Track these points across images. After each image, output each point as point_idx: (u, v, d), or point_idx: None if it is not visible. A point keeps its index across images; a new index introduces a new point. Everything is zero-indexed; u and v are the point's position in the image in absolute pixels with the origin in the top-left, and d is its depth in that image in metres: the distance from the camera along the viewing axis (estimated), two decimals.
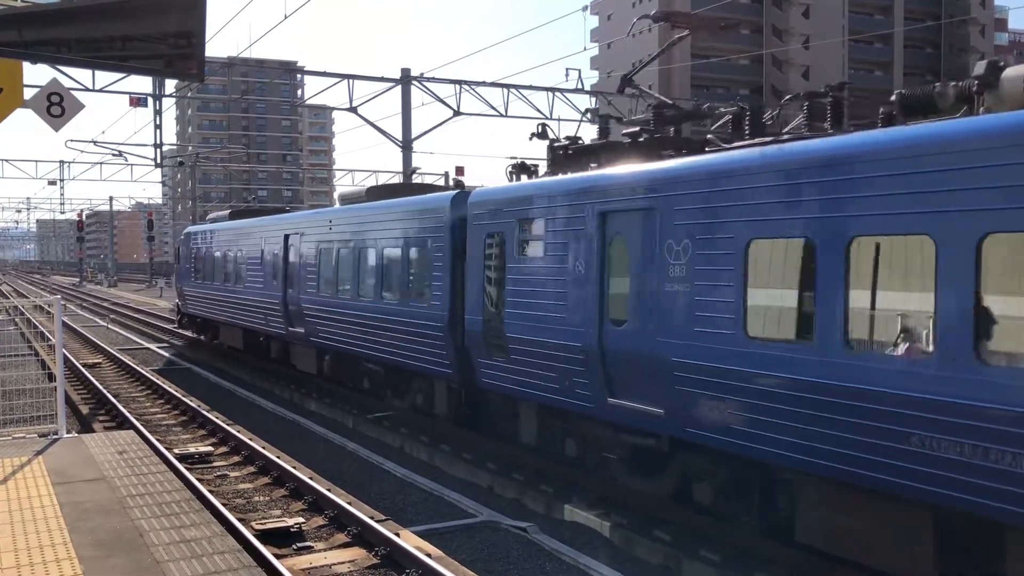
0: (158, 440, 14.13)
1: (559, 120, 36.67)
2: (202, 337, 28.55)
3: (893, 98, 7.95)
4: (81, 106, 9.00)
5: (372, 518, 9.60)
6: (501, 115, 33.55)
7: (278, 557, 8.63)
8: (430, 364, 13.88)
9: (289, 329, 19.58)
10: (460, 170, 35.65)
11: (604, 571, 8.64)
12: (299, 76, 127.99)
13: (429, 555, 8.45)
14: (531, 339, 11.15)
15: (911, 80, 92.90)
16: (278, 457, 12.71)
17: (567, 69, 45.86)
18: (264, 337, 22.43)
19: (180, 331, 30.84)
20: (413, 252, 14.40)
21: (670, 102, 12.67)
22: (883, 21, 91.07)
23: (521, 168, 12.96)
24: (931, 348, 6.55)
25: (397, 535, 9.05)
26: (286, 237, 19.68)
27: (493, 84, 33.17)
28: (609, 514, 10.11)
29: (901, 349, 6.81)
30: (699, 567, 8.55)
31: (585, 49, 66.56)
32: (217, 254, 24.91)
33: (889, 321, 7.03)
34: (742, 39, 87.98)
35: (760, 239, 7.85)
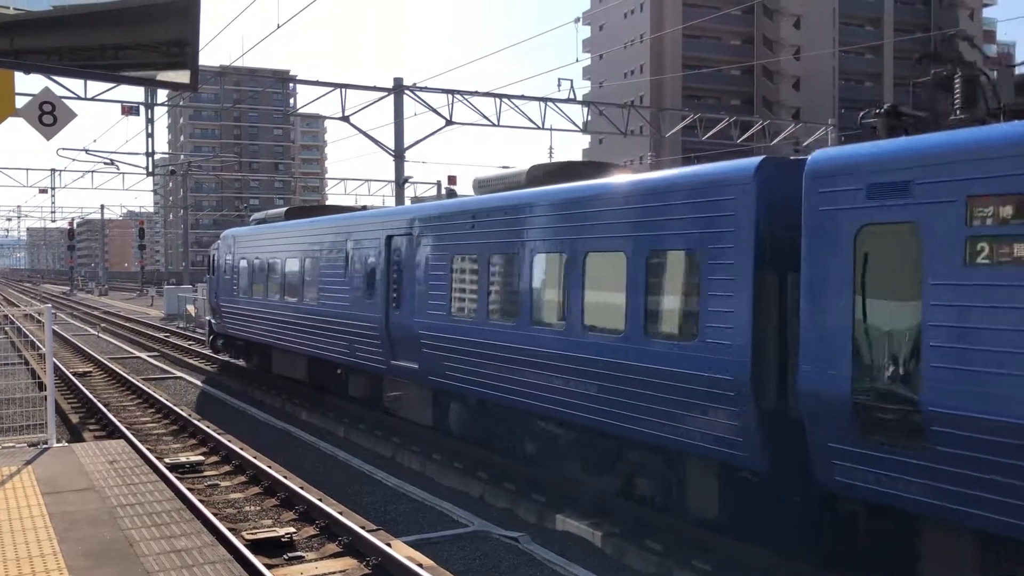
0: (149, 449, 14.07)
1: (551, 130, 36.73)
2: (243, 363, 24.00)
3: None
4: (73, 115, 8.97)
5: (363, 528, 9.58)
6: (494, 124, 33.63)
7: (269, 567, 8.60)
8: (699, 439, 8.72)
9: (393, 362, 14.73)
10: (452, 179, 35.72)
11: None
12: (291, 85, 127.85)
13: (421, 565, 8.43)
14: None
15: (901, 90, 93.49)
16: (269, 467, 12.67)
17: (559, 79, 46.25)
18: (344, 370, 17.62)
19: (213, 354, 26.31)
20: (664, 259, 9.19)
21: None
22: (873, 33, 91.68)
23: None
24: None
25: (389, 545, 9.02)
26: (388, 239, 14.85)
27: (486, 94, 33.24)
28: (601, 523, 10.11)
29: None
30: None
31: (577, 60, 66.59)
32: (273, 261, 20.02)
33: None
34: (733, 50, 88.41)
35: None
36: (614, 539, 9.65)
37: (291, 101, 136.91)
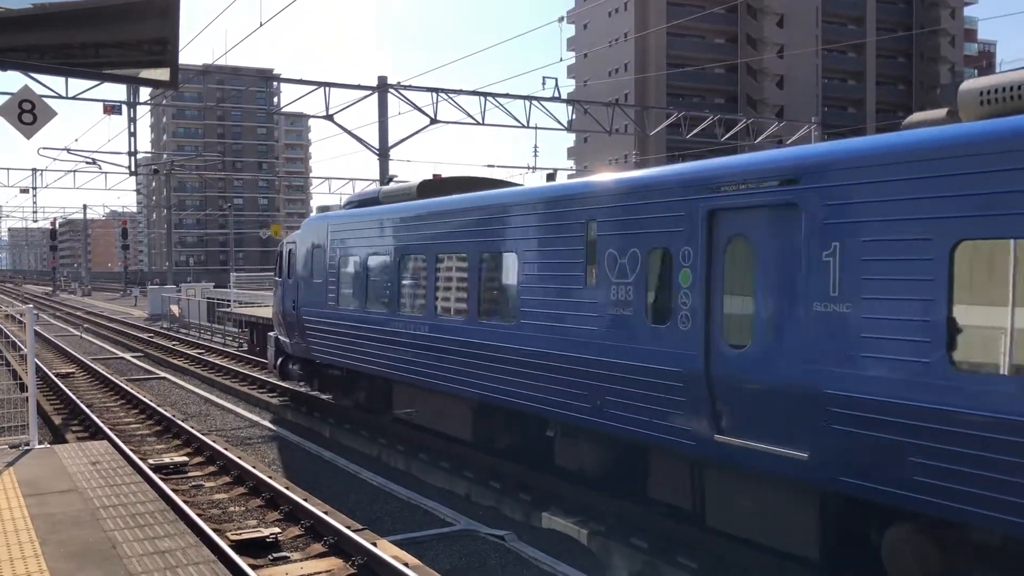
0: (132, 450, 13.99)
1: (536, 128, 36.71)
2: (327, 396, 17.74)
3: None
4: (53, 113, 8.89)
5: (349, 528, 9.55)
6: (478, 123, 33.60)
7: (254, 568, 8.55)
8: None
9: (726, 438, 8.09)
10: (437, 178, 35.60)
11: None
12: (275, 84, 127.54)
13: (407, 564, 8.41)
14: None
15: (883, 88, 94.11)
16: (254, 467, 12.61)
17: (544, 77, 46.27)
18: (570, 432, 10.70)
19: (281, 381, 19.87)
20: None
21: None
22: (856, 31, 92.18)
23: None
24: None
25: (374, 544, 8.99)
26: (711, 215, 8.37)
27: (471, 92, 33.20)
28: (587, 522, 10.12)
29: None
30: (677, 573, 8.57)
31: (561, 59, 66.63)
32: (408, 258, 13.65)
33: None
34: (717, 48, 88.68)
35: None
36: (600, 537, 9.67)
37: (275, 100, 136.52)
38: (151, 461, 13.32)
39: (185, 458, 13.84)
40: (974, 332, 6.30)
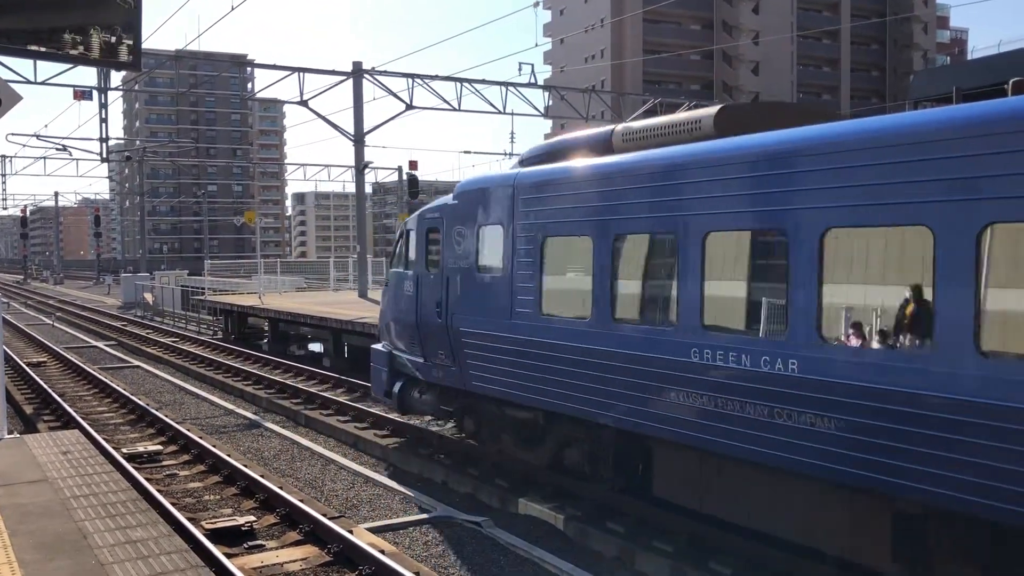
0: (105, 440, 13.85)
1: (512, 114, 36.59)
2: (486, 445, 12.17)
3: None
4: (18, 98, 8.69)
5: (325, 515, 9.51)
6: (454, 109, 33.42)
7: (229, 556, 8.50)
8: None
9: None
10: (413, 164, 35.50)
11: (558, 564, 8.65)
12: (249, 69, 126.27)
13: (383, 551, 8.39)
14: None
15: (857, 75, 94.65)
16: (228, 455, 12.53)
17: (520, 63, 46.08)
18: None
19: (400, 416, 14.36)
20: None
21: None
22: (831, 18, 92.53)
23: None
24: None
25: (350, 532, 8.97)
26: None
27: (446, 78, 33.00)
28: (563, 507, 10.14)
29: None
30: (652, 558, 8.60)
31: (536, 45, 66.46)
32: (721, 247, 8.12)
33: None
34: (693, 35, 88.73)
35: None
36: (576, 522, 9.68)
37: (249, 86, 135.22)
38: (124, 450, 13.20)
39: (159, 447, 13.73)
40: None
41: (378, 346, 13.95)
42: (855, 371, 6.75)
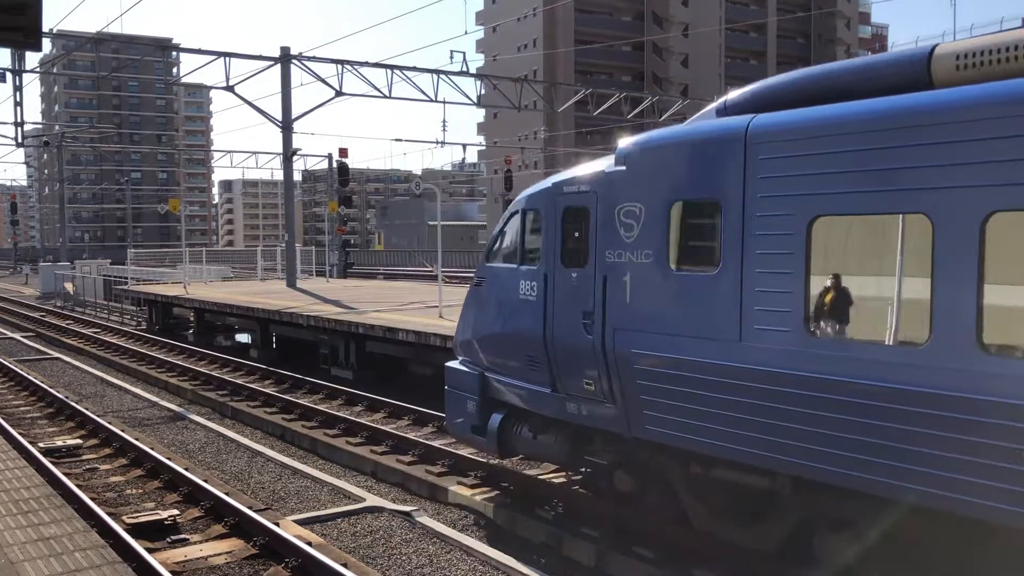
0: (20, 434, 13.38)
1: (444, 103, 36.37)
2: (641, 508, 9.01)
3: None
4: None
5: (251, 508, 9.35)
6: (385, 96, 33.09)
7: (151, 551, 8.29)
8: None
9: None
10: (344, 152, 35.02)
11: (487, 551, 8.66)
12: (173, 53, 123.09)
13: (310, 543, 8.29)
14: None
15: (784, 69, 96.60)
16: (152, 448, 12.23)
17: (452, 51, 45.52)
18: None
19: (500, 458, 10.78)
20: None
21: None
22: (757, 12, 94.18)
23: None
24: None
25: (276, 524, 8.84)
26: None
27: (376, 64, 32.66)
28: (493, 495, 10.16)
29: None
30: (580, 544, 8.67)
31: (467, 32, 66.15)
32: None
33: None
34: (624, 26, 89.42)
35: None
36: (505, 509, 9.71)
37: (174, 70, 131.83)
38: (41, 445, 12.78)
39: (79, 441, 13.33)
40: None
41: (458, 364, 10.36)
42: None
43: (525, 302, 9.02)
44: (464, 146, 48.60)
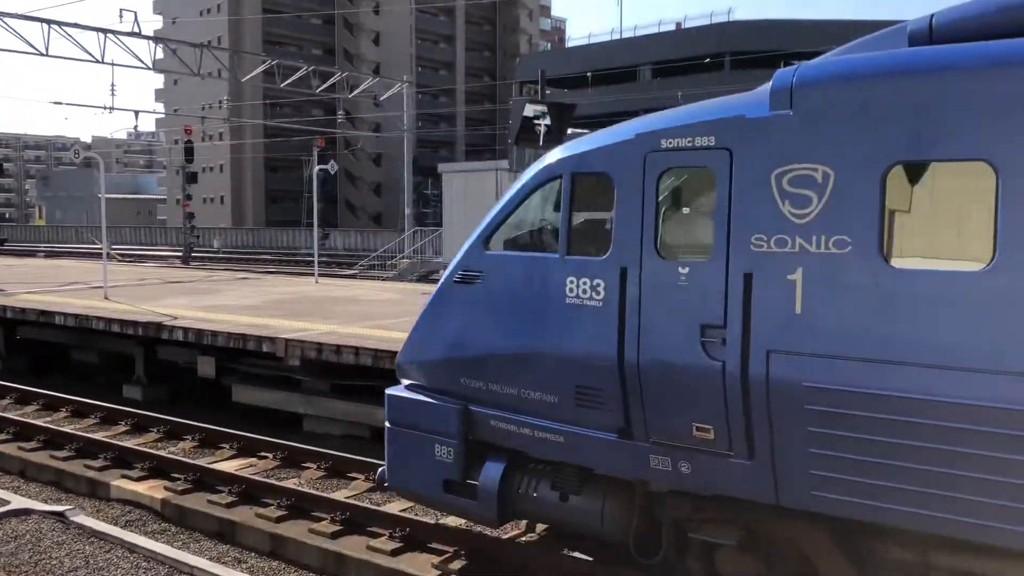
0: None
1: (112, 64, 33.34)
2: None
3: None
4: None
5: None
6: (41, 54, 29.70)
7: None
8: None
9: None
10: None
11: (152, 547, 8.11)
12: None
13: None
14: None
15: (471, 54, 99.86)
16: None
17: (121, 10, 41.26)
18: None
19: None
20: None
21: None
22: None
23: None
24: None
25: None
26: None
27: (29, 17, 29.17)
28: (161, 487, 9.56)
29: None
30: (253, 532, 8.42)
31: None
32: None
33: None
34: None
35: None
36: (175, 501, 9.17)
37: None
38: None
39: None
40: None
41: (411, 393, 7.30)
42: None
43: (578, 308, 6.14)
44: (136, 112, 45.03)
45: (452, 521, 8.46)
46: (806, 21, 59.01)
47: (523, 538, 7.95)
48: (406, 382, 7.38)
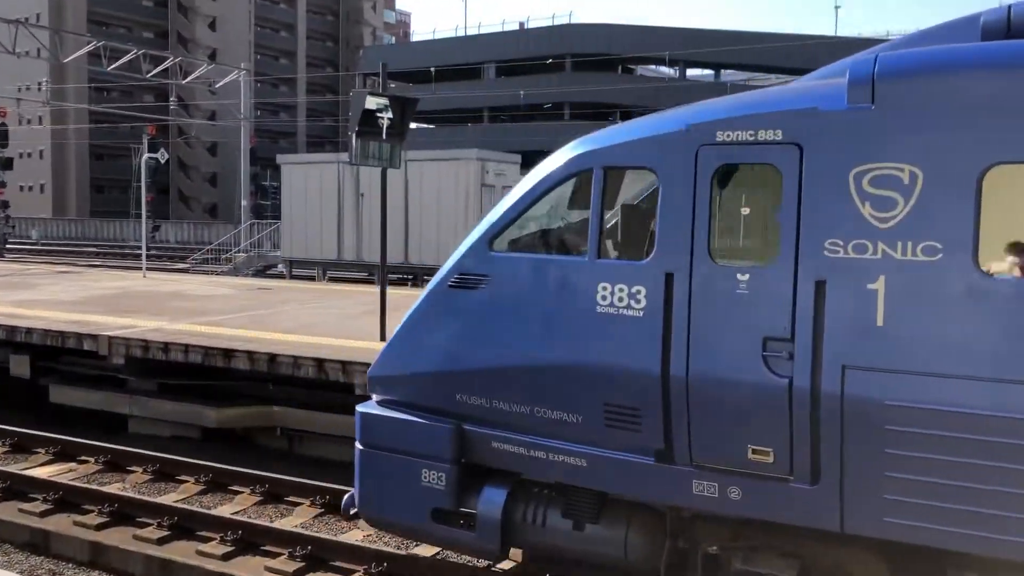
0: None
1: None
2: None
3: None
4: None
5: None
6: None
7: None
8: None
9: None
10: None
11: None
12: None
13: None
14: None
15: (313, 43, 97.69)
16: None
17: None
18: None
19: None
20: None
21: None
22: None
23: None
24: None
25: None
26: None
27: None
28: None
29: None
30: (69, 542, 7.95)
31: None
32: None
33: None
34: None
35: None
36: None
37: None
38: None
39: None
40: None
41: (388, 411, 6.43)
42: None
43: (611, 317, 5.41)
44: None
45: (285, 523, 8.30)
46: (646, 27, 61.14)
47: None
48: (378, 398, 6.49)
